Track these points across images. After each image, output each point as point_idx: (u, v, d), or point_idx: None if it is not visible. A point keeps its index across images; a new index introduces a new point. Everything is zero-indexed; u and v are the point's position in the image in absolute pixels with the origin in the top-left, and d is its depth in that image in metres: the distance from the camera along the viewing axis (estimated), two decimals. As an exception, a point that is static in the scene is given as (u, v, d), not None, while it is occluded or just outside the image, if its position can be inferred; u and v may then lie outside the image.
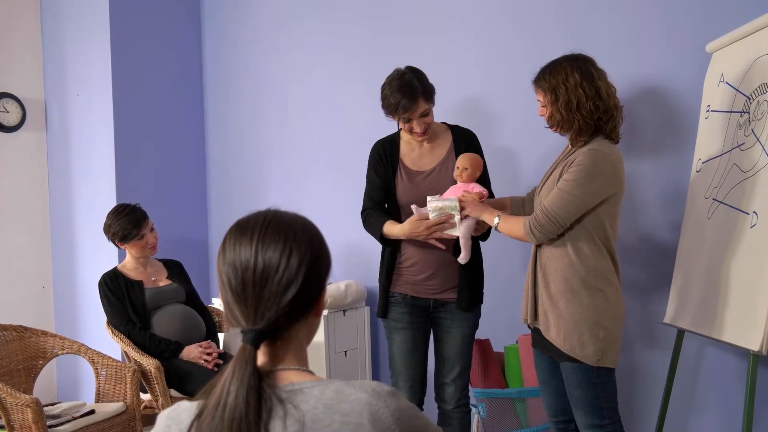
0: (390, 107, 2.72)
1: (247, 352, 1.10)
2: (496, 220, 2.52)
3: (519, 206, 2.74)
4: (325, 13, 4.15)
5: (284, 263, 1.13)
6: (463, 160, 2.71)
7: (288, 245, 1.14)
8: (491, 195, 2.83)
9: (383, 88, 2.75)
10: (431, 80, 2.78)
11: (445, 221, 2.62)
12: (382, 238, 2.79)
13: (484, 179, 2.82)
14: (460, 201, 2.61)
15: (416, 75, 2.73)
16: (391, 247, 2.82)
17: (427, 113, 2.73)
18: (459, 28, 3.55)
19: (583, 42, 2.80)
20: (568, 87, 2.31)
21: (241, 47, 4.64)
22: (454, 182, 2.73)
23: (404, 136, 2.87)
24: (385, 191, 2.84)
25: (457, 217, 2.61)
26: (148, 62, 4.55)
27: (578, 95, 2.30)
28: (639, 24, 2.98)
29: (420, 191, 2.75)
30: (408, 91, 2.67)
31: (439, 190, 2.73)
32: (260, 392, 1.08)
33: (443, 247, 2.69)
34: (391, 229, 2.75)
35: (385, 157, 2.84)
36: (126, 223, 3.52)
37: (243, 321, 1.13)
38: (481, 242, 2.83)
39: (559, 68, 2.36)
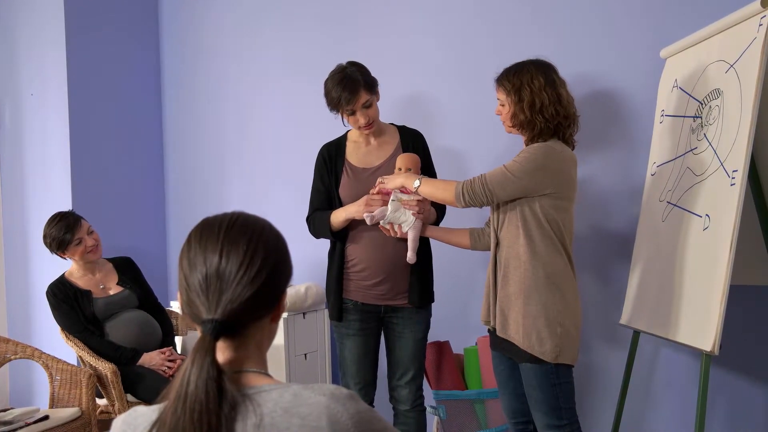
0: (333, 101, 2.73)
1: (207, 342, 1.10)
2: (416, 182, 2.55)
3: (477, 238, 2.70)
4: (285, 18, 4.13)
5: (248, 260, 1.14)
6: (405, 160, 2.71)
7: (253, 244, 1.16)
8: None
9: (325, 83, 2.76)
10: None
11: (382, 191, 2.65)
12: (332, 232, 2.77)
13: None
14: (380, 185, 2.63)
15: (357, 68, 2.75)
16: (339, 248, 2.80)
17: (369, 104, 2.73)
18: (419, 32, 3.57)
19: (540, 46, 2.84)
20: (532, 89, 2.35)
21: (201, 50, 4.59)
22: None
23: (351, 137, 2.88)
24: (326, 198, 2.84)
25: (408, 212, 2.62)
26: (105, 62, 4.47)
27: (542, 98, 2.35)
28: (596, 29, 3.03)
29: (364, 188, 2.73)
30: (349, 83, 2.68)
31: None
32: (220, 384, 1.08)
33: (395, 234, 2.66)
34: (338, 214, 2.74)
35: (329, 161, 2.84)
36: (58, 230, 3.44)
37: (203, 312, 1.13)
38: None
39: (524, 70, 2.40)
